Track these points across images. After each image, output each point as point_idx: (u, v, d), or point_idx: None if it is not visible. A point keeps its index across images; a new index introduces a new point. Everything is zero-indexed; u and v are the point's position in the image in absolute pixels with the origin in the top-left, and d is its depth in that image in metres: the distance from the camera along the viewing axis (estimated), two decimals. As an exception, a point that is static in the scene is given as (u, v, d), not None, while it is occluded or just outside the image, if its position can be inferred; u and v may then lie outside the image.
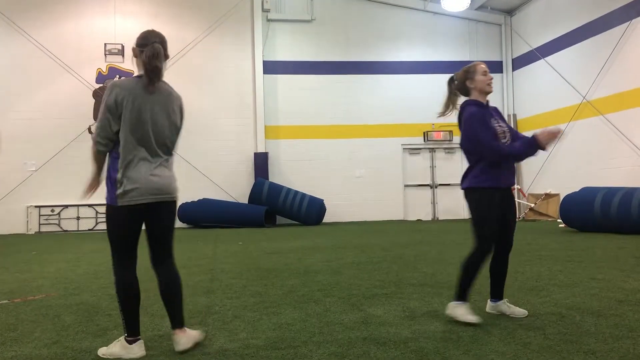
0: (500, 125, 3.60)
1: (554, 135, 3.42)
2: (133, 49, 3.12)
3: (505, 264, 3.70)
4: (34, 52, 14.49)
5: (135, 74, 3.11)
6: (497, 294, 3.70)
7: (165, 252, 3.18)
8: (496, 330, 3.29)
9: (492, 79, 3.72)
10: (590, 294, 4.28)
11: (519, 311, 3.63)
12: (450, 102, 3.79)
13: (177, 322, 3.10)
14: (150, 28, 3.22)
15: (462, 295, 3.55)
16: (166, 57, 3.09)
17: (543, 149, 3.44)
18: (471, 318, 3.46)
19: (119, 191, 2.91)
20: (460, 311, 3.51)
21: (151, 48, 3.01)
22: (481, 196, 3.55)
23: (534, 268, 5.69)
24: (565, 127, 13.85)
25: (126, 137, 2.93)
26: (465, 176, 3.66)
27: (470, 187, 3.59)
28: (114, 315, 3.96)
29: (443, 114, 3.78)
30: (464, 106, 3.69)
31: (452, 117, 3.84)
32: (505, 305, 3.67)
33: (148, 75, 3.00)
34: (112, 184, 2.95)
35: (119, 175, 2.92)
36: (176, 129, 3.16)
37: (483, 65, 3.71)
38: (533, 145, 3.44)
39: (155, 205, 3.03)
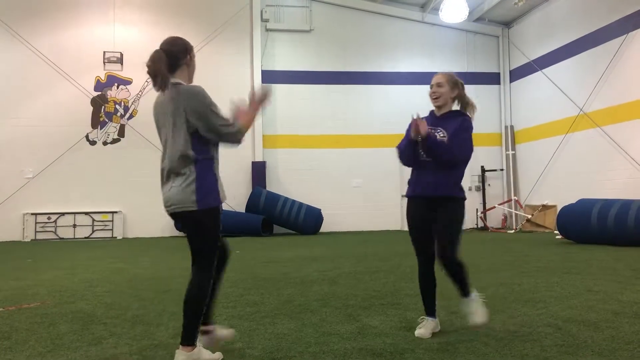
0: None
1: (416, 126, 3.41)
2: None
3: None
4: (33, 59, 14.49)
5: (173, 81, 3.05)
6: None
7: (193, 259, 3.05)
8: (493, 342, 3.28)
9: (433, 92, 3.59)
10: (587, 305, 4.28)
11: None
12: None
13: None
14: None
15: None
16: (175, 58, 3.05)
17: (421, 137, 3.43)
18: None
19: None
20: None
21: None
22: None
23: (531, 280, 5.68)
24: (563, 138, 13.90)
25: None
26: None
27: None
28: (109, 324, 3.94)
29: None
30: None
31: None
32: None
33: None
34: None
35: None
36: (177, 131, 2.95)
37: (433, 77, 3.64)
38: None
39: (171, 215, 3.04)
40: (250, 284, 5.71)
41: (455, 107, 3.71)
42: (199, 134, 2.94)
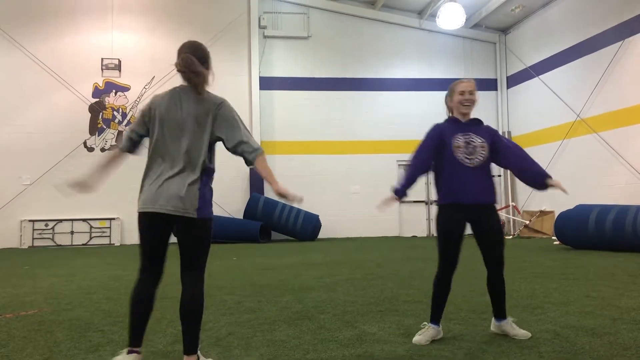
0: (464, 139, 3.51)
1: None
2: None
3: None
4: (31, 66, 14.51)
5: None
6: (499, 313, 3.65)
7: (185, 267, 3.09)
8: (491, 348, 3.28)
9: (468, 99, 3.54)
10: (585, 311, 4.28)
11: (522, 333, 3.54)
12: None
13: (185, 346, 2.92)
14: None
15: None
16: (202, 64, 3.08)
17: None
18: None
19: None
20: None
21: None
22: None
23: (529, 285, 5.68)
24: (560, 144, 13.94)
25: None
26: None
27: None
28: (106, 331, 3.93)
29: None
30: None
31: None
32: (510, 326, 3.58)
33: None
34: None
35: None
36: (200, 137, 3.01)
37: (464, 84, 3.58)
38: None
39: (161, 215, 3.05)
40: (248, 291, 5.70)
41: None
42: (213, 144, 3.01)
